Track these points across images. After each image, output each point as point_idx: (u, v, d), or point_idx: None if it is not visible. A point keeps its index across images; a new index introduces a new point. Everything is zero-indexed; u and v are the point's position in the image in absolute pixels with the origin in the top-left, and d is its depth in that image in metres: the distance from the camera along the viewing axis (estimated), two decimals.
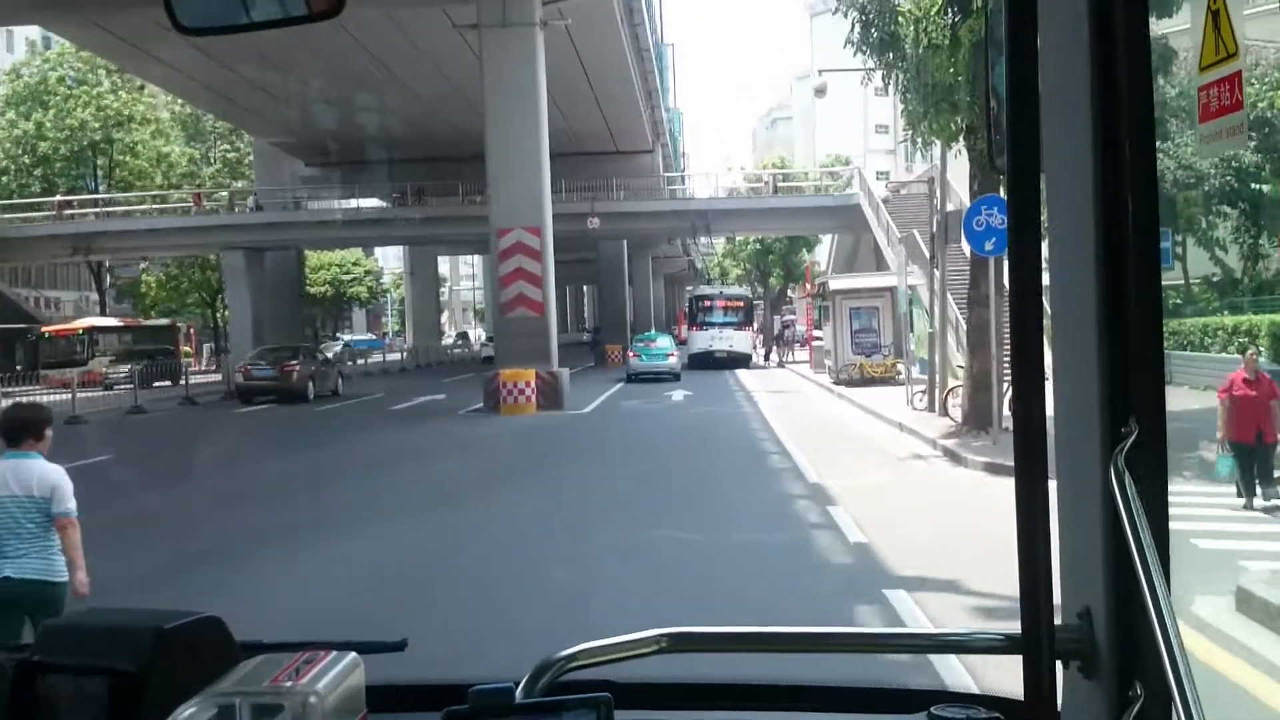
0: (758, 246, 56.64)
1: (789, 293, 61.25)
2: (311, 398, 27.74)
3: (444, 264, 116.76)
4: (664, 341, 36.51)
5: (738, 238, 57.91)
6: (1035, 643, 1.07)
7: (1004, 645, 1.16)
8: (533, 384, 23.03)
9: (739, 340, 39.82)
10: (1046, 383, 1.11)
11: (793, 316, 46.86)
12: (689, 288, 46.78)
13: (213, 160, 60.13)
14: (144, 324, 43.28)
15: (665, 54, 52.84)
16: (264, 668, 1.08)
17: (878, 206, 37.80)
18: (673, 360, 34.16)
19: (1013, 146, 1.05)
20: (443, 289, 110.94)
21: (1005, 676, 1.26)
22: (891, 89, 17.86)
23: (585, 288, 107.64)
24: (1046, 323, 1.14)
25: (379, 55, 31.70)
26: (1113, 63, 1.06)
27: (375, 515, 10.61)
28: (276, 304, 44.49)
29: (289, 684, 1.03)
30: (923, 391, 19.53)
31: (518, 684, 1.15)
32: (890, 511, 10.44)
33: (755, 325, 43.36)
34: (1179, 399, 15.93)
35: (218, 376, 38.42)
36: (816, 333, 37.91)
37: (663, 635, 1.20)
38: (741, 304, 40.64)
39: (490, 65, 23.97)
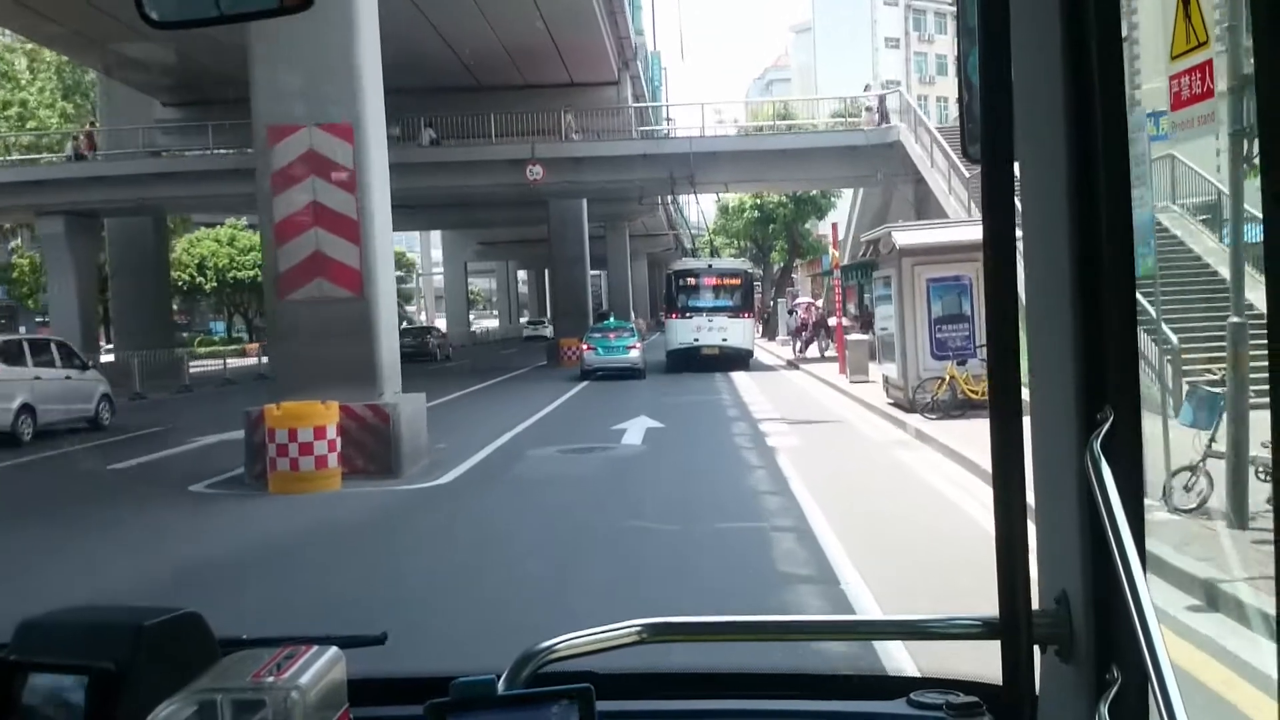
0: (755, 215, 44.71)
1: (793, 271, 49.30)
2: (439, 359, 39.40)
3: (410, 243, 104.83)
4: (624, 331, 27.17)
5: (731, 203, 45.97)
6: (1013, 628, 1.08)
7: (982, 631, 1.15)
8: (332, 432, 11.18)
9: (735, 331, 27.94)
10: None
11: (806, 299, 35.31)
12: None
13: (95, 115, 48.35)
14: None
15: None
16: (244, 663, 1.04)
17: (931, 143, 25.95)
18: (634, 354, 26.57)
19: (986, 135, 1.04)
20: (417, 273, 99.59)
21: (984, 661, 1.24)
22: None
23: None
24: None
25: None
26: (1085, 51, 1.04)
27: None
28: (129, 287, 32.53)
29: (270, 679, 0.99)
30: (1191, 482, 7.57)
31: (499, 676, 1.11)
32: None
33: (757, 309, 31.34)
34: None
35: None
36: (843, 321, 26.07)
37: (643, 626, 1.17)
38: (738, 281, 28.72)
39: None
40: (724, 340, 27.73)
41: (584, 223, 35.08)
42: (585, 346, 26.75)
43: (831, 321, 27.66)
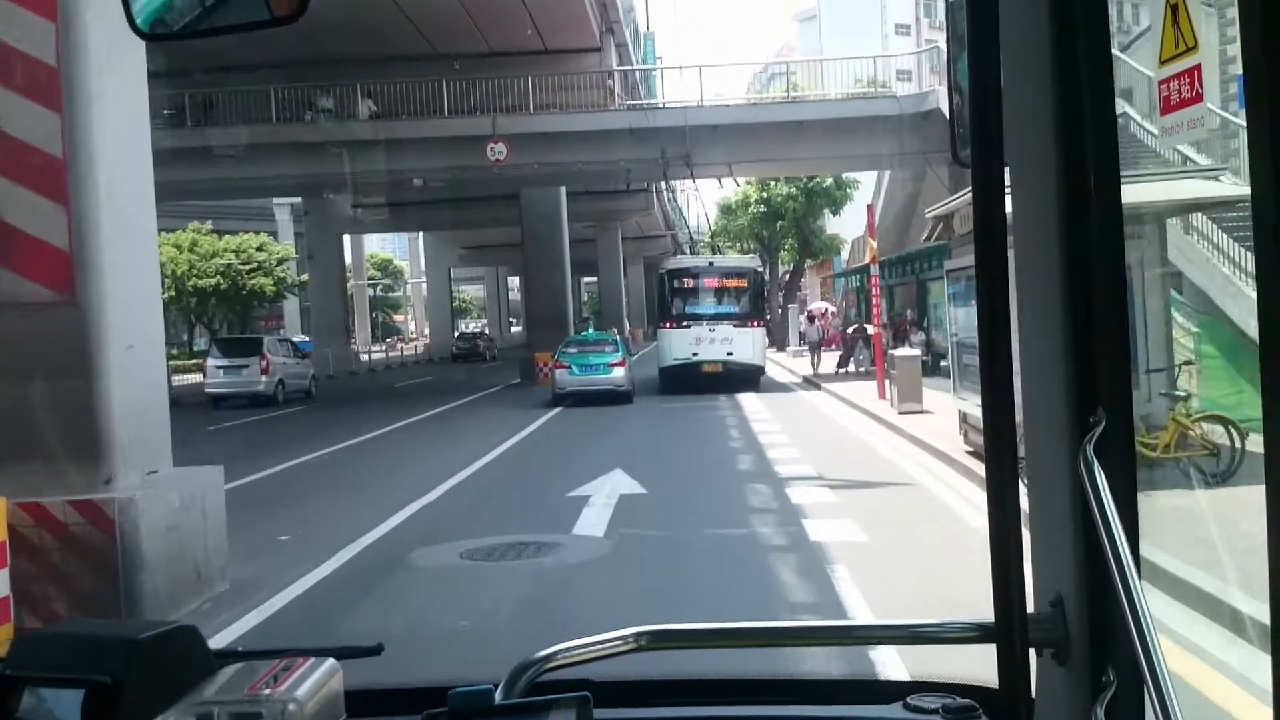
0: (762, 210, 39.16)
1: (803, 274, 43.66)
2: (487, 359, 45.78)
3: (400, 251, 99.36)
4: (605, 345, 21.57)
5: (734, 198, 40.48)
6: (1008, 631, 1.07)
7: (977, 635, 1.15)
8: None
9: (743, 343, 22.42)
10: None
11: (824, 304, 29.83)
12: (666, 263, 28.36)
13: None
14: None
15: None
16: (241, 676, 1.03)
17: None
18: (618, 373, 20.77)
19: (976, 140, 1.04)
20: (406, 281, 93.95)
21: (981, 665, 1.21)
22: None
23: (584, 281, 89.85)
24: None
25: None
26: (1074, 56, 1.03)
27: None
28: None
29: (267, 691, 0.98)
30: None
31: (497, 685, 1.09)
32: None
33: (767, 317, 25.77)
34: None
35: None
36: (871, 331, 20.54)
37: (639, 633, 1.16)
38: (745, 281, 23.25)
39: None
40: (729, 354, 22.25)
41: (562, 215, 29.57)
42: (556, 364, 21.28)
43: (870, 328, 22.18)
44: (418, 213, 45.54)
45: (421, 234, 64.08)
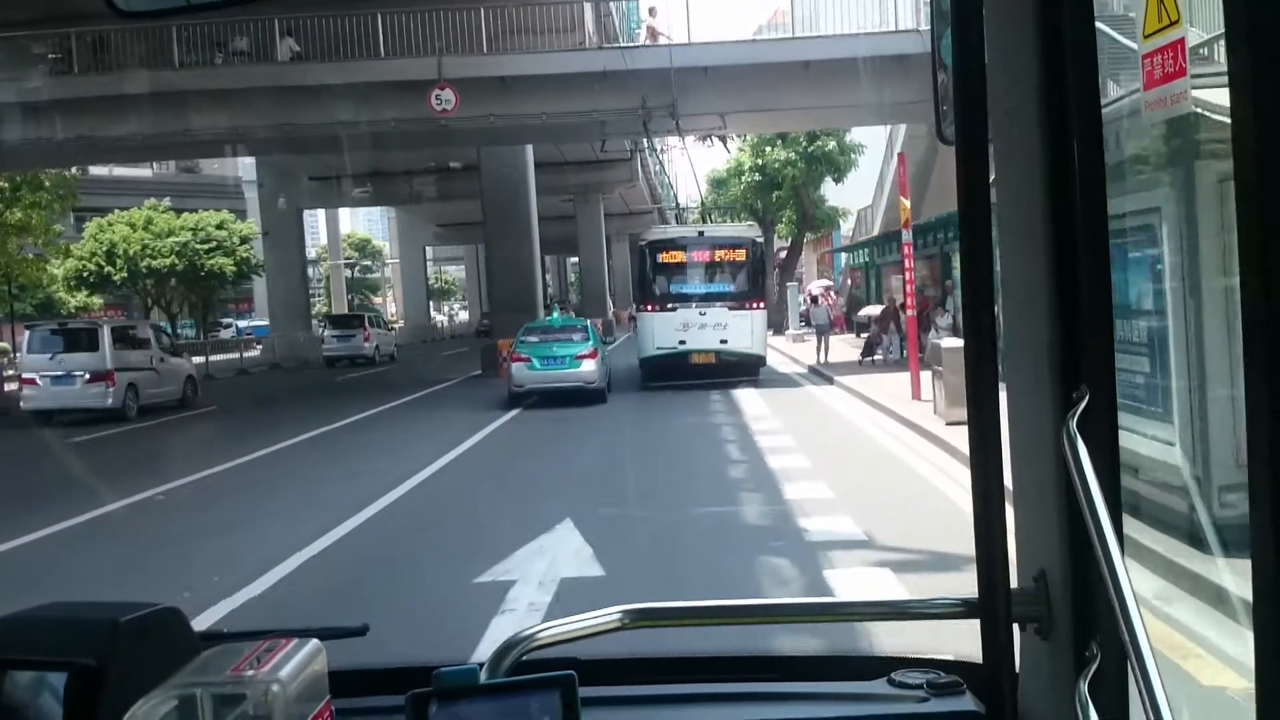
0: (756, 179, 35.18)
1: (801, 249, 39.65)
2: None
3: (379, 226, 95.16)
4: (572, 332, 17.66)
5: (727, 165, 36.48)
6: (992, 607, 1.07)
7: (961, 610, 1.14)
8: None
9: (740, 329, 18.52)
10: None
11: (824, 282, 26.08)
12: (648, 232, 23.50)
13: None
14: None
15: None
16: (224, 657, 1.01)
17: None
18: (588, 366, 16.88)
19: (960, 118, 1.04)
20: (385, 262, 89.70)
21: (965, 640, 1.20)
22: None
23: (570, 261, 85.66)
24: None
25: None
26: (1058, 32, 1.02)
27: None
28: None
29: (250, 673, 0.96)
30: None
31: (482, 665, 1.07)
32: None
33: (765, 297, 21.76)
34: None
35: None
36: (907, 312, 16.71)
37: (624, 611, 1.16)
38: (742, 254, 19.33)
39: None
40: (723, 342, 18.37)
41: (529, 178, 25.46)
42: (513, 356, 17.37)
43: (905, 310, 18.34)
44: (386, 185, 41.60)
45: (394, 210, 59.87)
